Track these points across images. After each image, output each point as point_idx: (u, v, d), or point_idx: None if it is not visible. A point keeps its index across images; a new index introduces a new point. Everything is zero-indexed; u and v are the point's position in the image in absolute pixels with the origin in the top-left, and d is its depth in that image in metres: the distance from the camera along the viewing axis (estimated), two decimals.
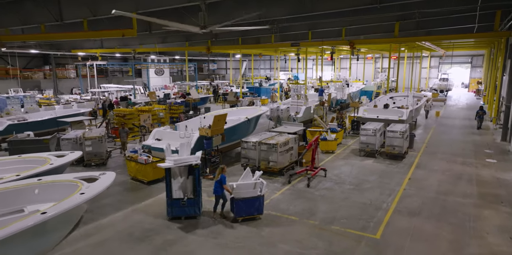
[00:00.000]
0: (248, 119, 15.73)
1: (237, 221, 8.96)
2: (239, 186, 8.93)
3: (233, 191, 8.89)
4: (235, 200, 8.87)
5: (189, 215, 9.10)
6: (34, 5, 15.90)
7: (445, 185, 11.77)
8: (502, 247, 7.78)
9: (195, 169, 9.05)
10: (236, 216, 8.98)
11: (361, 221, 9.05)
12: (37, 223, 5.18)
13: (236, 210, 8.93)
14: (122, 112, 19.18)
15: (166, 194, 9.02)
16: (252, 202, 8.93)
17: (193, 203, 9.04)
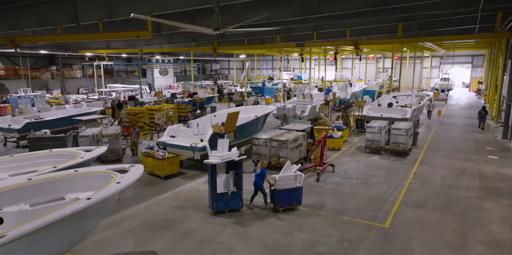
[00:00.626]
0: (257, 117, 16.27)
1: (278, 211, 9.52)
2: (281, 178, 9.52)
3: (276, 183, 9.41)
4: (277, 191, 9.43)
5: (232, 208, 9.54)
6: (51, 7, 16.41)
7: (448, 179, 12.32)
8: (503, 235, 8.32)
9: (238, 164, 9.51)
10: (277, 206, 9.52)
11: (370, 212, 9.60)
12: (84, 207, 5.73)
13: (277, 201, 9.49)
14: (134, 111, 19.73)
15: (211, 189, 9.34)
16: (292, 193, 9.59)
17: (236, 196, 9.51)
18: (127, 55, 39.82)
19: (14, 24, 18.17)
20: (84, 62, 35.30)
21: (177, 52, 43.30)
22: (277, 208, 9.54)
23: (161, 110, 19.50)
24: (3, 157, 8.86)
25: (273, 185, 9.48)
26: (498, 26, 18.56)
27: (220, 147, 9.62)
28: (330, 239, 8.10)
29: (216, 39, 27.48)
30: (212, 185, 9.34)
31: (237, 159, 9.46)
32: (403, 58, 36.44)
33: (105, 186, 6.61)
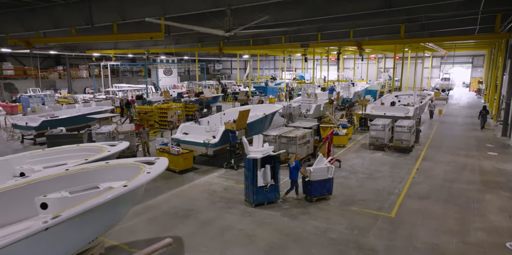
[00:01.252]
0: (265, 115, 16.89)
1: (311, 200, 10.20)
2: (315, 170, 10.16)
3: (311, 175, 10.05)
4: (311, 183, 10.09)
5: (271, 200, 10.12)
6: (66, 9, 16.96)
7: (450, 174, 12.93)
8: (502, 223, 8.93)
9: (276, 158, 10.08)
10: (311, 196, 10.19)
11: (376, 203, 10.21)
12: (124, 192, 6.35)
13: (312, 191, 10.16)
14: (144, 109, 20.34)
15: (251, 183, 9.83)
16: (325, 184, 10.29)
17: (274, 189, 10.08)
18: (132, 55, 40.46)
19: (29, 26, 18.75)
20: (91, 62, 35.93)
21: (181, 52, 43.94)
22: (311, 198, 10.21)
23: (168, 109, 20.08)
24: (36, 150, 9.48)
25: (307, 177, 10.12)
26: (498, 27, 19.14)
27: (256, 143, 10.16)
28: (341, 227, 8.71)
29: (222, 39, 28.15)
30: (253, 179, 9.77)
31: (275, 154, 10.02)
32: (405, 58, 37.05)
33: (136, 175, 7.22)
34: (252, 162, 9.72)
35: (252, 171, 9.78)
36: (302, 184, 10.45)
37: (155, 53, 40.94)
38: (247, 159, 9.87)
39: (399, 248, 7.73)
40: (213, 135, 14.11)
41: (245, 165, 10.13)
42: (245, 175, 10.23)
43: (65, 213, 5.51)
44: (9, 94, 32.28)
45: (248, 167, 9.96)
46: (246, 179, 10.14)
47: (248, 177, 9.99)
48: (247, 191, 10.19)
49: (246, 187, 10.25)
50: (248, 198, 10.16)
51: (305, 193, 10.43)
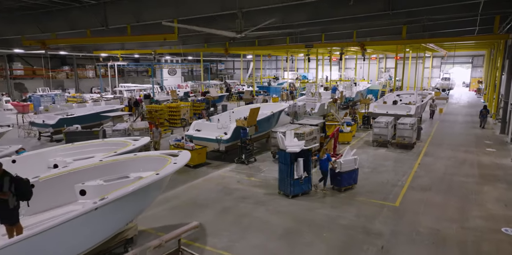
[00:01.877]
0: (273, 113, 17.59)
1: (341, 190, 11.00)
2: (345, 161, 10.92)
3: (341, 166, 10.81)
4: (341, 174, 10.85)
5: (305, 191, 10.81)
6: (81, 12, 17.64)
7: (450, 168, 13.64)
8: (498, 211, 9.64)
9: (309, 152, 10.79)
10: (341, 186, 10.98)
11: (381, 194, 10.92)
12: (156, 179, 7.06)
13: (341, 182, 10.94)
14: (154, 108, 21.06)
15: (289, 175, 10.39)
16: (351, 174, 11.14)
17: (307, 180, 10.80)
18: (138, 56, 41.18)
19: (45, 27, 19.47)
20: (98, 63, 36.66)
21: (185, 52, 44.65)
22: (340, 188, 10.99)
23: (185, 107, 20.80)
24: (66, 144, 10.21)
25: (337, 169, 10.86)
26: (497, 28, 19.81)
27: (289, 139, 10.83)
28: (349, 214, 9.42)
29: (229, 40, 28.87)
30: (290, 172, 10.34)
31: (308, 148, 10.72)
32: (406, 58, 37.78)
33: (165, 165, 7.94)
34: (289, 156, 10.29)
35: (290, 164, 10.33)
36: (331, 175, 11.18)
37: (160, 54, 41.65)
38: (283, 153, 10.46)
39: (403, 233, 8.44)
40: (224, 131, 14.82)
41: (280, 159, 10.69)
42: (280, 168, 10.78)
43: (111, 195, 6.23)
44: (19, 93, 33.02)
45: (284, 161, 10.51)
46: (281, 172, 10.71)
47: (284, 170, 10.56)
48: (281, 183, 10.77)
49: (280, 180, 10.80)
50: (284, 191, 10.70)
51: (333, 184, 11.22)
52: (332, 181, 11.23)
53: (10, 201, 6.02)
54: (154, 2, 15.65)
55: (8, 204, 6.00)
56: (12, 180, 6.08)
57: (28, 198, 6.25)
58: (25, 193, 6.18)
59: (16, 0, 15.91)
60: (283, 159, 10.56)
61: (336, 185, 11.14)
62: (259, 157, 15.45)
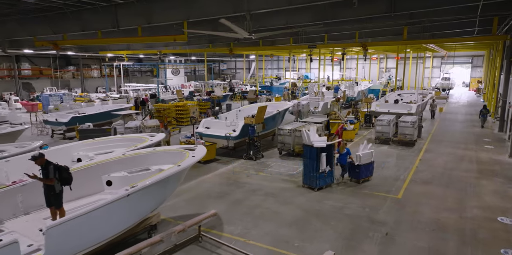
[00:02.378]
0: (278, 111, 18.19)
1: (359, 182, 11.74)
2: (363, 155, 11.60)
3: (360, 160, 11.52)
4: (360, 166, 11.60)
5: (328, 184, 11.48)
6: (93, 14, 18.23)
7: (450, 164, 14.23)
8: (494, 203, 10.23)
9: (332, 146, 11.45)
10: (359, 178, 11.74)
11: (385, 187, 11.51)
12: (178, 171, 7.66)
13: (360, 174, 11.71)
14: (162, 107, 21.66)
15: (314, 169, 11.00)
16: (368, 167, 11.93)
17: (330, 174, 11.48)
18: (143, 56, 41.79)
19: (57, 29, 20.05)
20: (104, 63, 37.28)
21: (189, 52, 45.24)
22: (358, 180, 11.77)
23: (191, 106, 21.41)
24: (88, 140, 10.81)
25: (355, 162, 11.57)
26: (495, 29, 20.35)
27: (312, 134, 11.45)
28: (354, 205, 10.02)
29: (232, 41, 29.46)
30: (316, 166, 10.97)
31: (330, 143, 11.41)
32: (406, 59, 38.39)
33: (184, 158, 8.54)
34: (315, 150, 10.92)
35: (315, 158, 10.95)
36: (349, 168, 11.91)
37: (164, 54, 42.22)
38: (309, 148, 11.09)
39: (406, 222, 9.03)
40: (233, 129, 15.42)
41: (306, 154, 11.30)
42: (305, 163, 11.40)
43: (140, 183, 6.83)
44: (27, 93, 33.62)
45: (309, 156, 11.12)
46: (306, 166, 11.32)
47: (309, 165, 11.18)
48: (306, 177, 11.38)
49: (305, 174, 11.40)
50: (310, 184, 11.29)
51: (351, 176, 11.97)
52: (351, 174, 11.99)
53: (56, 186, 6.66)
54: (165, 4, 16.19)
55: (54, 189, 6.64)
56: (55, 168, 6.71)
57: (70, 183, 6.87)
58: (67, 178, 6.81)
59: (33, 2, 16.52)
60: (309, 154, 11.20)
61: (355, 177, 11.93)
62: (266, 153, 16.04)
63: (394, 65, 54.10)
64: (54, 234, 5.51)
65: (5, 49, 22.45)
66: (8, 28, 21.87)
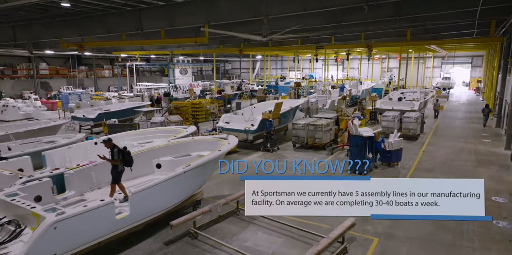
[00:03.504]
0: (291, 108, 19.58)
1: (390, 165, 13.52)
2: (395, 142, 13.29)
3: (392, 146, 13.09)
4: (391, 152, 13.31)
5: (370, 169, 13.08)
6: (118, 17, 19.60)
7: (451, 155, 15.62)
8: (490, 186, 11.55)
9: (373, 137, 13.06)
10: (390, 162, 13.54)
11: (393, 174, 12.90)
12: (219, 155, 9.04)
13: (391, 158, 13.48)
14: (180, 104, 23.07)
15: (362, 156, 12.54)
16: (398, 152, 13.60)
17: (372, 160, 13.04)
18: (154, 56, 43.22)
19: (83, 31, 21.46)
20: (117, 63, 38.71)
21: (198, 53, 46.63)
22: (389, 164, 13.50)
23: (206, 104, 22.84)
24: (130, 131, 12.23)
25: (387, 148, 13.19)
26: (493, 31, 21.76)
27: (355, 127, 13.11)
28: None
29: (242, 42, 30.87)
30: (363, 153, 12.61)
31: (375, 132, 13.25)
32: (409, 59, 39.79)
33: (221, 145, 9.94)
34: (361, 139, 12.66)
35: (362, 146, 12.63)
36: (382, 154, 13.58)
37: (174, 54, 43.59)
38: (356, 138, 12.82)
39: None
40: (251, 123, 16.81)
41: (352, 143, 13.02)
42: (351, 151, 13.20)
43: (193, 163, 8.22)
44: (44, 92, 35.04)
45: (356, 144, 12.82)
46: (352, 154, 13.03)
47: (355, 153, 12.85)
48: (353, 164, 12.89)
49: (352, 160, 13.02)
50: (357, 169, 12.66)
51: (383, 160, 13.68)
52: (383, 158, 13.66)
53: (119, 166, 8.03)
54: (187, 9, 17.52)
55: (117, 168, 8.01)
56: (119, 151, 8.09)
57: (131, 164, 8.24)
58: (129, 160, 8.19)
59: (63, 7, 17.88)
60: (355, 143, 12.87)
61: (386, 161, 13.64)
62: (280, 146, 17.39)
63: (396, 65, 55.53)
64: (136, 199, 6.90)
65: (31, 51, 23.87)
66: (34, 31, 23.28)
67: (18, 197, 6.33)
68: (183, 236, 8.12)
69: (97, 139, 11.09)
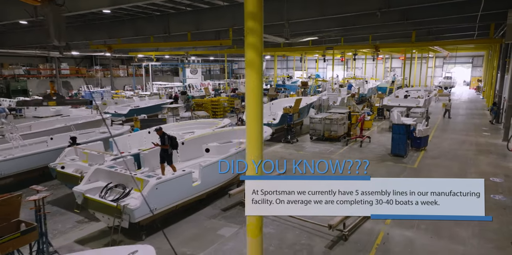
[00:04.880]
0: (307, 104, 21.32)
1: (419, 150, 15.93)
2: (424, 130, 15.55)
3: (421, 133, 15.32)
4: (420, 138, 15.73)
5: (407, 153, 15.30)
6: (147, 21, 21.29)
7: (454, 145, 17.35)
8: (488, 170, 13.35)
9: (410, 125, 15.21)
10: (420, 147, 15.92)
11: (403, 160, 14.65)
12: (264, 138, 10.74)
13: (420, 144, 15.90)
14: (201, 101, 24.83)
15: (403, 141, 14.78)
16: (426, 139, 16.17)
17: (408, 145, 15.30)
18: (167, 57, 44.96)
19: (112, 34, 23.15)
20: (133, 63, 40.47)
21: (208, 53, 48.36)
22: (419, 148, 15.98)
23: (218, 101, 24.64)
24: (175, 123, 13.96)
25: (417, 135, 15.28)
26: (492, 34, 23.44)
27: (397, 117, 15.42)
28: (380, 173, 13.13)
29: None
30: (405, 139, 14.84)
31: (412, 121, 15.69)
32: (412, 59, 41.47)
33: None
34: (404, 127, 14.99)
35: (404, 133, 14.79)
36: (413, 140, 15.70)
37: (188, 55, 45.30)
38: (398, 126, 15.12)
39: None
40: (273, 117, 18.56)
41: (394, 131, 15.16)
42: (393, 138, 15.23)
43: (242, 145, 9.96)
44: (66, 91, 36.78)
45: (398, 131, 15.02)
46: (394, 140, 15.16)
47: (397, 139, 15.02)
48: (394, 148, 15.20)
49: (393, 145, 15.23)
50: (398, 152, 15.08)
51: (413, 146, 15.81)
52: (414, 144, 15.77)
53: (169, 150, 9.79)
54: (213, 14, 19.19)
55: (167, 152, 9.77)
56: (168, 137, 9.86)
57: (177, 148, 10.04)
58: (176, 145, 9.99)
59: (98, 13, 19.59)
60: (398, 130, 15.08)
61: (416, 146, 15.86)
62: (300, 138, 19.15)
63: (398, 64, 57.31)
64: (205, 172, 8.64)
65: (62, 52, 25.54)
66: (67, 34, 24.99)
67: (116, 168, 8.07)
68: (236, 205, 9.87)
69: (149, 128, 12.85)
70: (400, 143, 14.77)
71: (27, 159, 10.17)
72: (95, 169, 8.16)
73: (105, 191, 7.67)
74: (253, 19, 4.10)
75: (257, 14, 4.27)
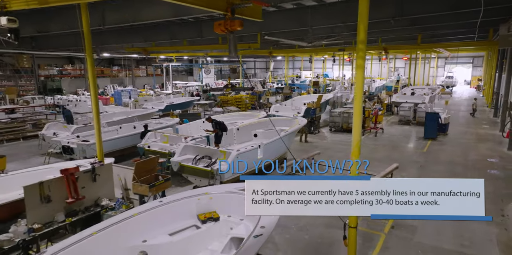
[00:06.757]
0: (325, 100, 23.86)
1: (445, 134, 19.28)
2: (447, 117, 18.76)
3: (444, 120, 18.56)
4: (445, 124, 19.08)
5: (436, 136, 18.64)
6: (181, 26, 23.76)
7: (457, 135, 19.88)
8: (486, 153, 15.87)
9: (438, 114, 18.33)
10: (444, 132, 19.29)
11: (414, 145, 17.21)
12: (298, 128, 13.26)
13: (444, 129, 19.32)
14: (226, 99, 27.40)
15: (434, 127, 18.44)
16: (448, 125, 19.70)
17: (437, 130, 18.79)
18: (188, 57, 47.57)
19: (148, 37, 25.64)
20: (154, 63, 43.04)
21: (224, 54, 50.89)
22: (445, 133, 19.24)
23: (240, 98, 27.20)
24: (222, 114, 16.47)
25: (443, 122, 18.32)
26: (491, 37, 25.94)
27: (426, 108, 18.33)
28: (394, 157, 15.61)
29: (272, 45, 35.10)
30: (436, 125, 18.52)
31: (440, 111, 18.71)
32: (416, 59, 44.01)
33: (297, 122, 14.20)
34: (435, 115, 18.70)
35: (435, 120, 18.48)
36: (439, 126, 18.78)
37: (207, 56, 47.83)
38: (430, 114, 18.90)
39: (430, 161, 14.68)
40: (297, 111, 21.10)
41: (428, 118, 18.65)
42: (426, 124, 18.81)
43: (290, 129, 12.51)
44: None
45: (431, 119, 18.57)
46: (427, 126, 18.69)
47: (429, 125, 18.53)
48: (427, 133, 18.65)
49: (426, 130, 18.71)
50: (430, 136, 18.36)
51: (439, 131, 18.86)
52: (440, 130, 18.78)
53: (219, 132, 12.34)
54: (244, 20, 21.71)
55: (218, 135, 12.31)
56: (216, 123, 12.43)
57: (226, 130, 12.58)
58: (225, 128, 12.54)
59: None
60: (430, 118, 18.43)
61: (441, 131, 18.97)
62: (319, 130, 21.67)
63: (402, 64, 59.78)
64: (265, 147, 11.18)
65: (98, 54, 28.15)
66: (104, 37, 27.52)
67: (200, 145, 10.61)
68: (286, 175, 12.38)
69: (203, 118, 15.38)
70: (433, 128, 18.09)
71: (123, 140, 12.74)
72: (184, 145, 10.69)
73: (195, 161, 10.19)
74: (362, 44, 6.20)
75: (364, 40, 6.21)
